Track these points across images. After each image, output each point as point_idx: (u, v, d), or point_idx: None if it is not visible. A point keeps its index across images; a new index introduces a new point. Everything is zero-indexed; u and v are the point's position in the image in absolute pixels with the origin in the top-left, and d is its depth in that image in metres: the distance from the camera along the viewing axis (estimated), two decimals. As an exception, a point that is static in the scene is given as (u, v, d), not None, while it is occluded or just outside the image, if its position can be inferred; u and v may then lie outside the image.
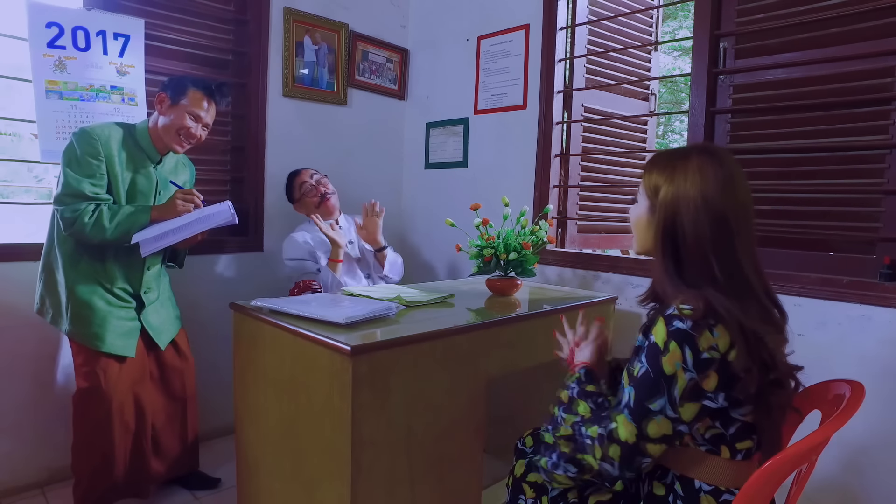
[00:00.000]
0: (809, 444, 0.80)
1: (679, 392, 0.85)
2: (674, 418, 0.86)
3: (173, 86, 1.73)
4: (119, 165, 1.68)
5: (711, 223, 0.89)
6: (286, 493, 1.43)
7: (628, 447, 0.88)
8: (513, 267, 1.84)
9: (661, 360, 0.86)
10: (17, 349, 1.90)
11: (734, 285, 0.89)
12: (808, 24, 1.74)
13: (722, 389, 0.87)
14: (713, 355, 0.85)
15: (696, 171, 0.92)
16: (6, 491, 1.90)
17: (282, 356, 1.41)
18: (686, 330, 0.85)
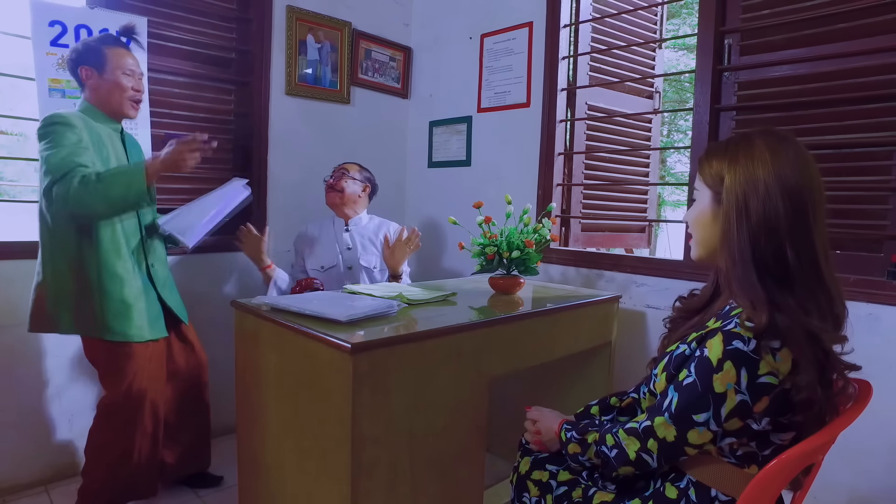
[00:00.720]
0: (814, 444, 0.79)
1: (727, 411, 0.82)
2: (716, 432, 0.84)
3: (87, 56, 1.64)
4: (90, 136, 1.61)
5: (785, 203, 0.83)
6: (287, 492, 1.43)
7: (667, 444, 0.87)
8: (515, 265, 1.83)
9: (711, 378, 0.82)
10: (20, 347, 1.90)
11: (806, 274, 0.83)
12: (815, 20, 1.73)
13: (769, 414, 0.82)
14: (771, 381, 0.80)
15: (765, 150, 0.86)
16: (10, 488, 1.91)
17: (283, 354, 1.40)
18: (747, 353, 0.80)
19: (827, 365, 0.83)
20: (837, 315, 0.85)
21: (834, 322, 0.85)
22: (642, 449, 0.90)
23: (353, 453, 1.18)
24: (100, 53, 1.65)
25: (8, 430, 1.90)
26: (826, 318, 0.83)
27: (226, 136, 2.42)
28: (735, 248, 0.86)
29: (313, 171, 2.60)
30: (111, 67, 1.65)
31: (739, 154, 0.89)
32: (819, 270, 0.84)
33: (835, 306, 0.85)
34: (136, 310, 1.66)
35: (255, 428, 1.55)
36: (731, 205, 0.87)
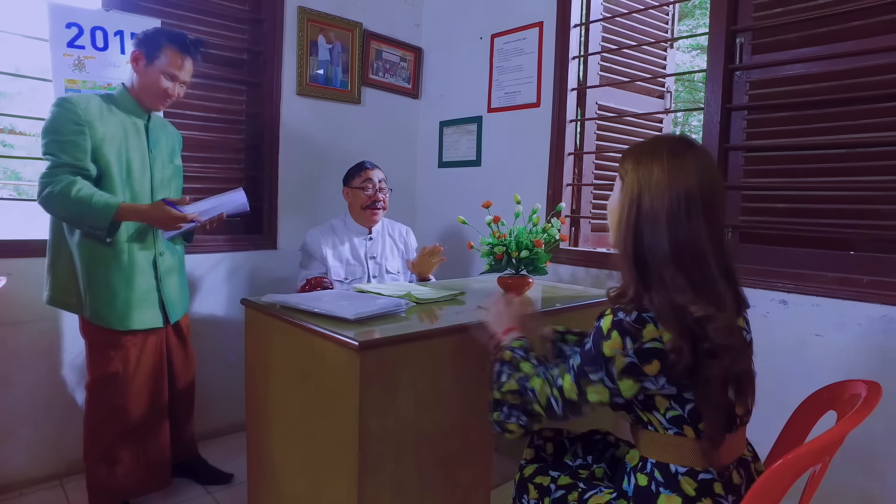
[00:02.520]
0: (821, 444, 0.78)
1: (617, 370, 0.92)
2: (612, 388, 0.93)
3: (148, 42, 1.68)
4: (103, 128, 1.63)
5: (672, 201, 0.92)
6: (295, 488, 1.44)
7: (569, 401, 0.98)
8: (524, 265, 1.83)
9: (602, 344, 0.93)
10: (36, 343, 1.94)
11: (682, 257, 0.92)
12: (828, 18, 1.71)
13: (663, 374, 0.91)
14: (657, 346, 0.90)
15: (664, 150, 0.96)
16: (26, 481, 1.95)
17: (291, 351, 1.42)
18: (630, 323, 0.91)
19: (702, 335, 0.89)
20: (718, 293, 0.92)
21: (713, 299, 0.91)
22: (553, 397, 1.00)
23: (361, 451, 1.19)
24: (158, 47, 1.69)
25: (24, 424, 1.94)
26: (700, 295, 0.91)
27: (237, 136, 2.44)
28: (622, 234, 0.98)
29: (324, 171, 2.63)
30: (159, 63, 1.69)
31: (645, 153, 0.98)
32: (700, 255, 0.92)
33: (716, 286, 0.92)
34: (122, 298, 1.67)
35: (265, 425, 1.56)
36: (626, 196, 0.98)
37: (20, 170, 6.28)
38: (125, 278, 1.68)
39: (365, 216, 2.19)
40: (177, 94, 1.76)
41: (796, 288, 1.74)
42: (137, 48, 1.70)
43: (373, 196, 2.16)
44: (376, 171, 2.21)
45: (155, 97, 1.73)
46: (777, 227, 1.84)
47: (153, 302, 1.75)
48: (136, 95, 1.73)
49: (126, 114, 1.71)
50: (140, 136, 1.74)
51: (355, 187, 2.18)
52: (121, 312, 1.67)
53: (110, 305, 1.66)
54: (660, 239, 0.93)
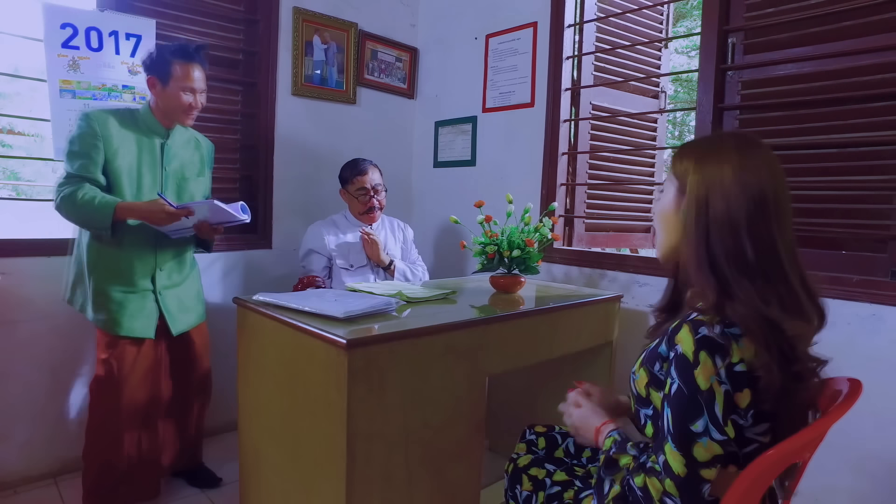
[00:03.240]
0: (800, 441, 0.79)
1: (721, 410, 0.79)
2: (721, 441, 0.79)
3: (157, 66, 1.73)
4: (119, 142, 1.70)
5: (748, 204, 0.84)
6: (285, 486, 1.45)
7: (681, 480, 0.80)
8: (516, 264, 1.84)
9: (693, 375, 0.80)
10: (32, 342, 1.95)
11: (766, 268, 0.84)
12: (819, 18, 1.71)
13: (753, 407, 0.82)
14: (744, 368, 0.80)
15: (733, 152, 0.88)
16: (21, 480, 1.95)
17: (281, 350, 1.42)
18: (715, 338, 0.80)
19: (792, 356, 0.82)
20: (803, 309, 0.85)
21: (800, 315, 0.84)
22: (665, 493, 0.82)
23: (349, 448, 1.19)
24: (168, 66, 1.73)
25: (19, 423, 1.95)
26: (788, 311, 0.83)
27: (233, 136, 2.45)
28: (692, 240, 0.88)
29: (319, 171, 2.63)
30: (174, 81, 1.73)
31: (710, 153, 0.90)
32: (781, 266, 0.85)
33: (800, 301, 0.85)
34: (116, 303, 1.72)
35: (256, 423, 1.57)
36: (692, 199, 0.89)
37: (19, 170, 6.30)
38: (121, 286, 1.74)
39: (363, 219, 2.27)
40: (199, 105, 1.81)
41: (787, 287, 1.75)
42: (150, 74, 1.75)
43: (369, 202, 2.23)
44: (370, 176, 2.24)
45: (181, 113, 1.78)
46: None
47: (148, 313, 1.77)
48: (161, 115, 1.79)
49: (145, 131, 1.77)
50: (154, 154, 1.79)
51: (352, 192, 2.24)
52: (113, 317, 1.72)
53: (105, 309, 1.72)
54: (742, 247, 0.83)
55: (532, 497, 1.16)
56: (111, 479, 1.76)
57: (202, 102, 1.82)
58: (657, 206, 1.00)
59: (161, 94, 1.75)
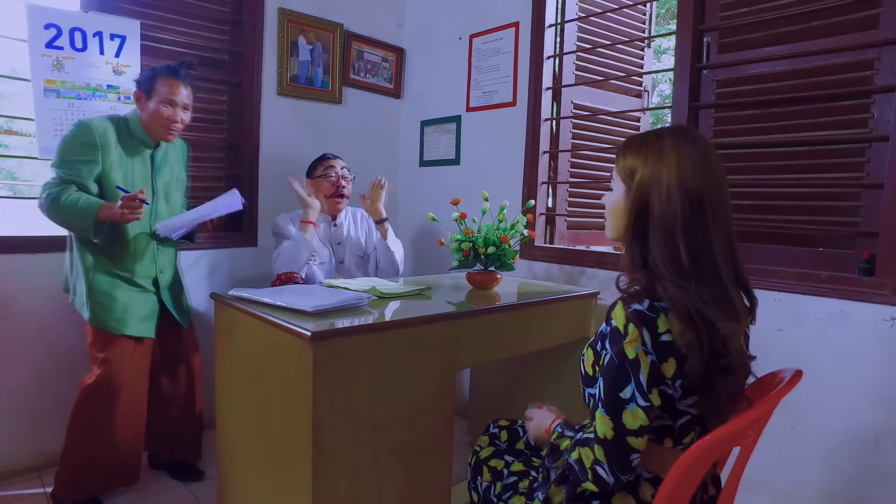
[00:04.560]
0: (737, 426, 0.81)
1: (645, 377, 0.84)
2: (646, 407, 0.84)
3: (144, 81, 1.80)
4: (115, 154, 1.75)
5: (683, 202, 0.87)
6: (259, 478, 1.47)
7: (610, 444, 0.85)
8: (492, 261, 1.86)
9: (622, 345, 0.85)
10: (15, 338, 1.98)
11: (700, 268, 0.87)
12: (790, 18, 1.73)
13: (678, 376, 0.86)
14: (670, 338, 0.85)
15: (671, 150, 0.90)
16: (4, 474, 1.98)
17: (254, 344, 1.45)
18: (643, 311, 0.85)
19: (724, 351, 0.86)
20: (734, 307, 0.88)
21: (731, 313, 0.87)
22: (595, 461, 0.87)
23: (314, 440, 1.22)
24: (152, 81, 1.79)
25: (3, 417, 1.98)
26: (722, 310, 0.86)
27: (219, 136, 2.48)
28: (630, 240, 0.93)
29: (305, 170, 2.65)
30: (156, 96, 1.79)
31: (650, 150, 0.93)
32: (715, 267, 0.88)
33: (731, 299, 0.88)
34: (121, 304, 1.78)
35: (231, 416, 1.60)
36: (635, 201, 0.93)
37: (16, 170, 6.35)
38: (126, 288, 1.80)
39: (329, 205, 2.27)
40: (181, 120, 1.84)
41: (759, 284, 1.76)
42: (137, 89, 1.82)
43: (336, 182, 2.25)
44: (338, 161, 2.30)
45: (161, 128, 1.81)
46: (741, 224, 1.86)
47: (150, 313, 1.85)
48: (146, 128, 1.83)
49: (136, 142, 1.83)
50: (145, 165, 1.85)
51: (318, 177, 2.27)
52: (119, 316, 1.77)
53: (110, 309, 1.76)
54: (676, 251, 0.87)
55: (491, 487, 1.18)
56: (90, 475, 1.78)
57: (184, 119, 1.84)
58: (608, 200, 1.03)
59: (145, 107, 1.80)
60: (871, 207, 1.60)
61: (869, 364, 1.55)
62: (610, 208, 1.02)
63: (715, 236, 0.88)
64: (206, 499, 1.92)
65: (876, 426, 1.54)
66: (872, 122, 1.60)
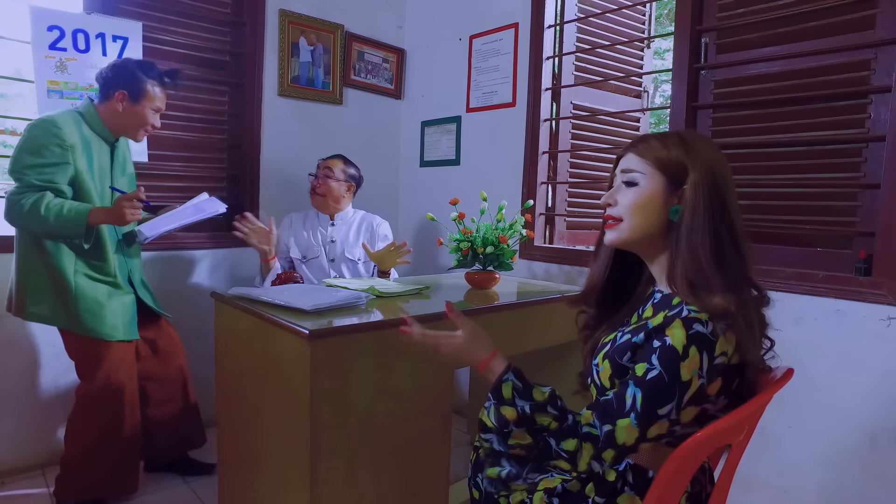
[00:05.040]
0: (723, 425, 0.82)
1: (688, 398, 0.83)
2: (673, 420, 0.84)
3: (130, 85, 1.72)
4: (82, 152, 1.67)
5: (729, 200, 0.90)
6: (259, 475, 1.49)
7: (626, 449, 0.85)
8: (490, 260, 1.87)
9: (679, 366, 0.83)
10: (20, 338, 2.01)
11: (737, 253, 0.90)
12: (788, 18, 1.74)
13: (722, 392, 0.87)
14: (723, 360, 0.85)
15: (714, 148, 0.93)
16: (9, 470, 2.01)
17: (253, 342, 1.46)
18: (707, 335, 0.83)
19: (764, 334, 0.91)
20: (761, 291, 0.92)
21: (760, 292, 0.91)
22: (596, 457, 0.86)
23: (312, 437, 1.23)
24: (142, 86, 1.73)
25: (7, 415, 2.00)
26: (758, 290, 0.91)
27: (220, 136, 2.50)
28: (698, 241, 0.88)
29: (306, 171, 2.66)
30: (145, 102, 1.75)
31: (697, 144, 0.92)
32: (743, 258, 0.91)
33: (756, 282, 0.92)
34: (110, 310, 1.74)
35: (232, 414, 1.61)
36: (699, 198, 0.89)
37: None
38: (110, 292, 1.76)
39: (319, 208, 2.35)
40: (158, 125, 1.83)
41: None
42: (121, 88, 1.72)
43: (313, 182, 2.32)
44: (330, 160, 2.34)
45: (140, 130, 1.79)
46: (740, 224, 1.87)
47: (132, 314, 1.83)
48: (110, 125, 1.76)
49: (98, 138, 1.76)
50: (105, 158, 1.79)
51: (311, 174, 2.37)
52: (111, 322, 1.74)
53: (100, 316, 1.72)
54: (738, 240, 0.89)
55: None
56: (91, 480, 1.78)
57: (157, 125, 1.83)
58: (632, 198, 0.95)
59: (126, 108, 1.74)
60: (868, 207, 1.60)
61: (866, 363, 1.55)
62: (639, 205, 0.94)
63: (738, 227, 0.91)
64: (207, 496, 1.94)
65: (873, 425, 1.54)
66: (869, 123, 1.60)
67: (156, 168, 2.27)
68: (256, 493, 1.50)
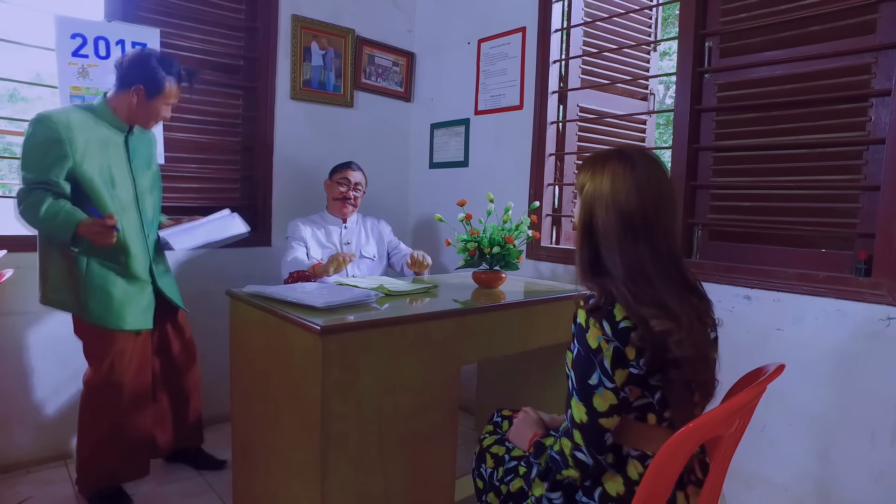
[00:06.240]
0: (715, 415, 0.86)
1: (608, 362, 0.94)
2: (612, 388, 0.94)
3: (148, 82, 1.75)
4: (84, 145, 1.68)
5: (616, 221, 0.99)
6: (271, 466, 1.55)
7: (585, 426, 0.97)
8: (497, 260, 1.92)
9: (585, 337, 0.96)
10: (42, 332, 2.09)
11: (634, 274, 0.98)
12: (790, 23, 1.77)
13: (641, 356, 0.95)
14: (628, 324, 0.94)
15: (610, 174, 1.02)
16: (33, 460, 2.09)
17: (267, 338, 1.52)
18: (599, 305, 0.96)
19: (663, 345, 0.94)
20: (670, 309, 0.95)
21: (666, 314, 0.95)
22: (574, 447, 0.99)
23: (323, 428, 1.29)
24: (160, 84, 1.76)
25: (31, 407, 2.08)
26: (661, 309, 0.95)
27: (233, 139, 2.57)
28: (583, 249, 1.06)
29: (317, 172, 2.73)
30: (160, 98, 1.79)
31: (596, 170, 1.05)
32: (646, 275, 0.98)
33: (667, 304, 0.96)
34: (119, 300, 1.77)
35: (245, 408, 1.68)
36: (581, 212, 1.06)
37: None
38: (122, 282, 1.79)
39: (336, 206, 2.41)
40: (168, 118, 1.89)
41: (759, 284, 1.80)
42: (137, 82, 1.75)
43: (345, 193, 2.39)
44: (356, 174, 2.43)
45: (152, 121, 1.86)
46: (743, 225, 1.90)
47: (147, 304, 1.86)
48: (122, 112, 1.79)
49: (108, 128, 1.77)
50: (119, 149, 1.80)
51: (335, 180, 2.42)
52: (117, 313, 1.77)
53: (107, 305, 1.76)
54: (614, 257, 0.99)
55: (494, 473, 1.24)
56: (102, 466, 1.84)
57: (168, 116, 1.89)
58: (575, 211, 1.13)
59: (143, 102, 1.77)
60: (869, 209, 1.62)
61: (865, 362, 1.58)
62: (575, 216, 1.12)
63: (649, 251, 0.98)
64: (221, 487, 2.00)
65: (872, 423, 1.57)
66: (870, 126, 1.63)
67: (172, 169, 2.34)
68: (270, 484, 1.56)
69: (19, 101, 6.55)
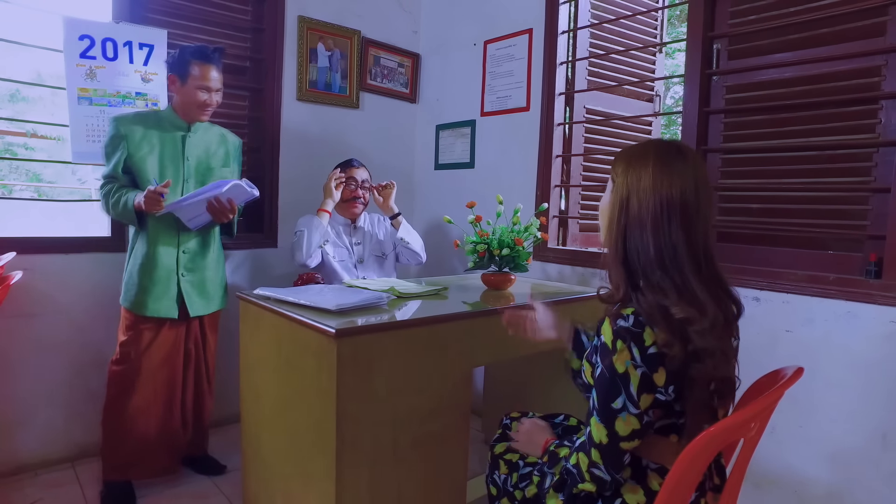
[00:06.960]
0: (734, 420, 0.86)
1: (635, 388, 0.91)
2: (637, 413, 0.92)
3: (177, 65, 1.89)
4: (143, 140, 1.86)
5: (655, 207, 0.96)
6: (284, 470, 1.55)
7: (605, 448, 0.94)
8: (506, 262, 1.92)
9: (612, 360, 0.92)
10: (51, 335, 2.08)
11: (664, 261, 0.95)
12: (799, 25, 1.77)
13: (671, 383, 0.92)
14: (656, 350, 0.91)
15: (653, 160, 0.99)
16: (40, 463, 2.08)
17: (279, 340, 1.52)
18: (630, 328, 0.91)
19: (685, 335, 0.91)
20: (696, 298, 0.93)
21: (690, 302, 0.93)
22: (591, 464, 0.96)
23: (338, 430, 1.29)
24: (186, 65, 1.87)
25: (39, 410, 2.08)
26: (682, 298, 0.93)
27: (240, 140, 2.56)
28: (612, 236, 1.01)
29: (323, 173, 2.72)
30: (192, 80, 1.87)
31: (635, 158, 1.02)
32: (677, 260, 0.95)
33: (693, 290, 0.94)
34: (141, 286, 1.87)
35: (256, 411, 1.67)
36: (615, 199, 1.02)
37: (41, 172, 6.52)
38: (145, 268, 1.87)
39: (345, 207, 2.40)
40: (214, 102, 1.94)
41: (768, 285, 1.81)
42: (170, 72, 1.92)
43: (354, 192, 2.38)
44: (360, 171, 2.41)
45: (196, 109, 1.92)
46: (752, 227, 1.90)
47: (170, 294, 1.90)
48: (180, 111, 1.94)
49: (167, 127, 1.93)
50: (176, 147, 1.93)
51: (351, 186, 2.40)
52: (137, 298, 1.86)
53: (131, 290, 1.88)
54: (646, 243, 0.96)
55: (508, 479, 1.24)
56: (127, 453, 1.86)
57: (217, 101, 1.95)
58: (601, 203, 1.11)
59: (179, 90, 1.90)
60: (879, 211, 1.63)
61: (876, 364, 1.58)
62: (601, 209, 1.10)
63: (685, 237, 0.95)
64: (229, 490, 2.00)
65: (883, 425, 1.57)
66: (880, 128, 1.63)
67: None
68: (282, 486, 1.56)
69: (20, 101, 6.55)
